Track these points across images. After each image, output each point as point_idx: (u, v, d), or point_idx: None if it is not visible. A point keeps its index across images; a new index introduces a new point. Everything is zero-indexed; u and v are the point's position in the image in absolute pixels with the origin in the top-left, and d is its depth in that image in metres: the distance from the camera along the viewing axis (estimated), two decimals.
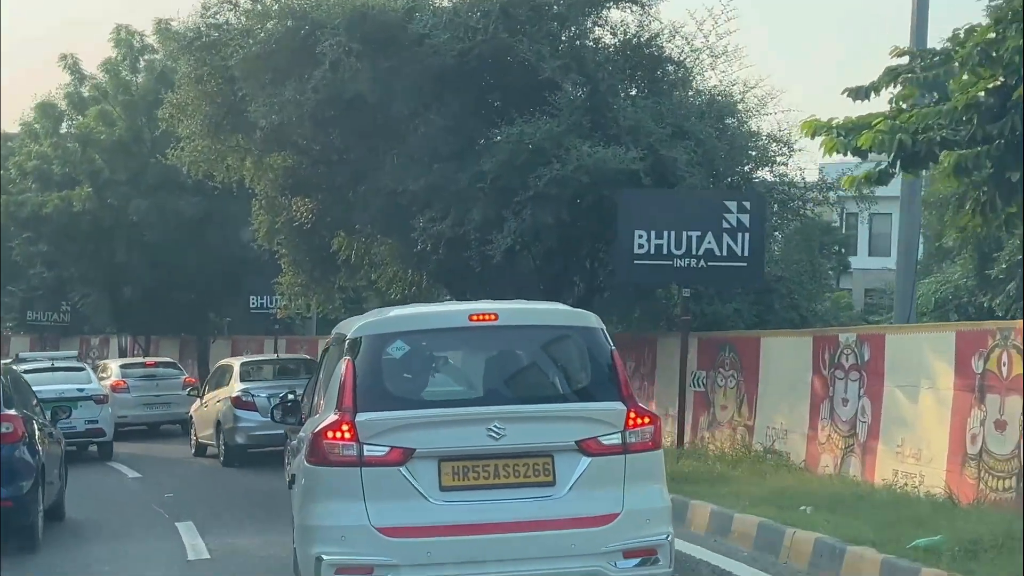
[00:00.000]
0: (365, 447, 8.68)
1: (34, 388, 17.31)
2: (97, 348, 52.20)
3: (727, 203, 19.95)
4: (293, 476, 9.78)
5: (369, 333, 9.20)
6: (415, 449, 8.70)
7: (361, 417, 8.75)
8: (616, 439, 8.93)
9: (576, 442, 8.87)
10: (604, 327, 9.40)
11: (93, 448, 25.64)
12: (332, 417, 8.86)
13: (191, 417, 26.89)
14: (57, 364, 26.63)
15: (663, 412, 21.43)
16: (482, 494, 8.70)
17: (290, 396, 12.56)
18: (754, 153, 22.71)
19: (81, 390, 25.18)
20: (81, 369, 27.36)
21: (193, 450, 26.60)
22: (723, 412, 20.92)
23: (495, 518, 8.69)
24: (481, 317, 9.18)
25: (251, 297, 35.76)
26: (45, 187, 40.13)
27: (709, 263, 19.62)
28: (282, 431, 12.76)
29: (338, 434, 8.74)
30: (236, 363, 25.77)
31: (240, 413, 23.60)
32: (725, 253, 19.60)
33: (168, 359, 35.98)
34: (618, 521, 8.85)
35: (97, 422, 25.04)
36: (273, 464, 20.73)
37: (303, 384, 16.30)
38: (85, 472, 21.95)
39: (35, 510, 13.84)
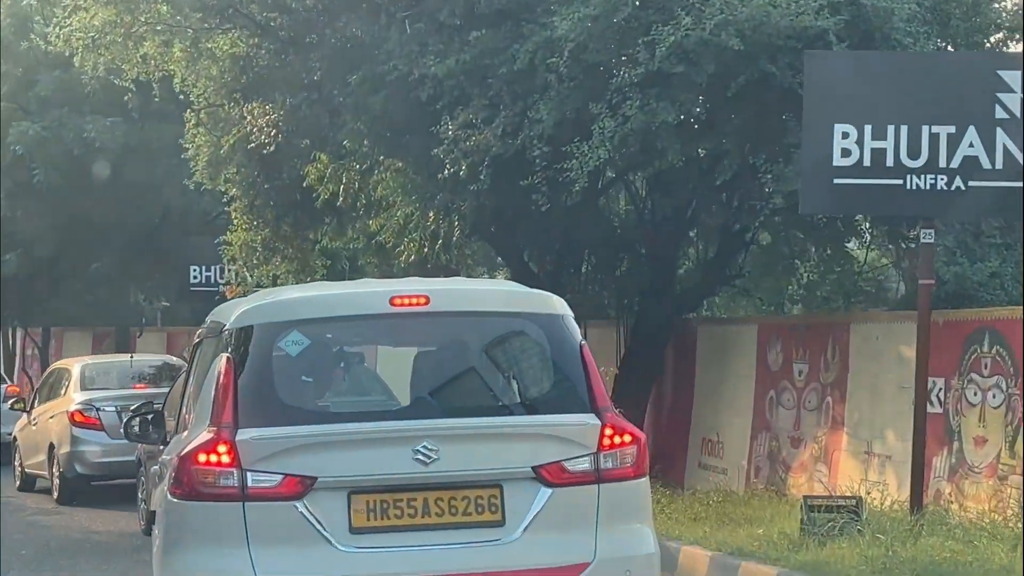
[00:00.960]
0: (249, 475, 6.94)
1: None
2: None
3: (1004, 75, 11.89)
4: (152, 515, 7.87)
5: (255, 322, 7.35)
6: (316, 478, 6.97)
7: (244, 435, 7.00)
8: (586, 464, 7.25)
9: (533, 468, 7.18)
10: (570, 313, 7.59)
11: None
12: (205, 435, 7.11)
13: (14, 439, 21.23)
14: None
15: (862, 450, 14.41)
16: (406, 538, 7.06)
17: (154, 405, 11.05)
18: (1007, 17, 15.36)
19: None
20: None
21: (18, 483, 20.92)
22: (979, 450, 13.01)
23: (424, 569, 7.02)
24: (407, 301, 7.34)
25: (192, 268, 26.90)
26: None
27: (969, 181, 11.99)
28: (135, 457, 13.20)
29: (212, 457, 6.98)
30: (75, 366, 20.42)
31: (80, 433, 18.66)
32: (998, 164, 11.91)
33: None
34: (589, 573, 7.17)
35: None
36: (124, 501, 17.50)
37: (163, 393, 14.91)
38: None
39: None
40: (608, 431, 7.30)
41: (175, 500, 7.19)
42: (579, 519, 7.22)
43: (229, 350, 7.29)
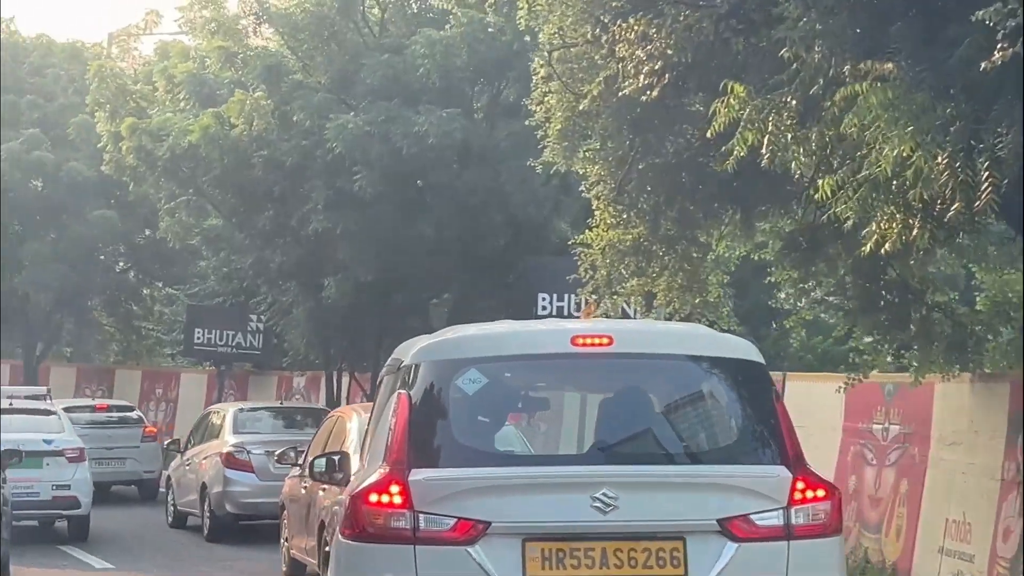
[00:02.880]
0: (421, 517, 6.86)
1: None
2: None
3: None
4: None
5: (433, 358, 7.32)
6: (490, 523, 6.81)
7: (417, 475, 6.92)
8: (776, 519, 6.90)
9: (719, 521, 6.85)
10: (762, 360, 7.31)
11: (61, 524, 19.95)
12: (378, 474, 7.08)
13: (169, 478, 22.51)
14: (17, 404, 20.70)
15: None
16: None
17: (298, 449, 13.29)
18: None
19: (48, 442, 19.32)
20: (50, 412, 20.74)
21: (170, 519, 22.14)
22: None
23: None
24: (589, 341, 7.18)
25: (540, 297, 22.13)
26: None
27: None
28: (279, 501, 15.43)
29: (384, 497, 6.93)
30: (229, 410, 21.83)
31: (232, 474, 19.78)
32: None
33: (125, 402, 28.77)
34: None
35: (69, 487, 19.17)
36: (272, 539, 17.68)
37: (309, 439, 16.24)
38: (29, 556, 16.84)
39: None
40: (800, 484, 6.92)
41: (345, 541, 7.08)
42: None
43: (405, 387, 7.18)
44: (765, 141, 10.52)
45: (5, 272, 35.35)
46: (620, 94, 12.54)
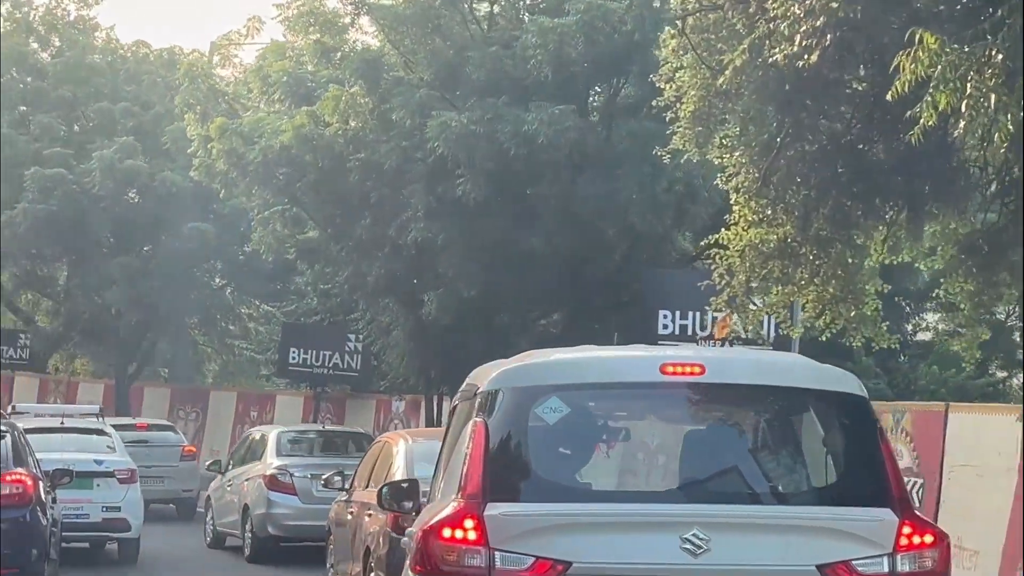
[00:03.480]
0: (497, 556, 6.47)
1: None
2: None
3: None
4: None
5: (511, 385, 6.91)
6: (571, 563, 6.42)
7: (493, 509, 6.54)
8: (881, 566, 6.42)
9: (818, 567, 6.41)
10: (866, 394, 6.82)
11: (112, 546, 19.51)
12: (451, 507, 6.68)
13: (209, 499, 22.57)
14: (69, 423, 20.17)
15: None
16: None
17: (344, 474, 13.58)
18: None
19: (99, 463, 18.83)
20: (102, 433, 20.30)
21: (208, 540, 22.05)
22: None
23: None
24: (679, 369, 6.76)
25: (662, 315, 20.00)
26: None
27: None
28: (325, 525, 15.15)
29: (459, 533, 6.52)
30: (272, 432, 21.61)
31: (275, 496, 19.57)
32: None
33: (164, 421, 29.11)
34: None
35: (120, 509, 18.65)
36: (312, 562, 17.82)
37: (353, 463, 16.16)
38: None
39: None
40: (907, 529, 6.48)
41: None
42: None
43: (482, 415, 6.80)
44: (963, 106, 8.31)
45: (93, 287, 34.04)
46: (768, 63, 10.43)
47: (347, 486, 15.45)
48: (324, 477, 16.92)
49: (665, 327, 18.48)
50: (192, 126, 25.28)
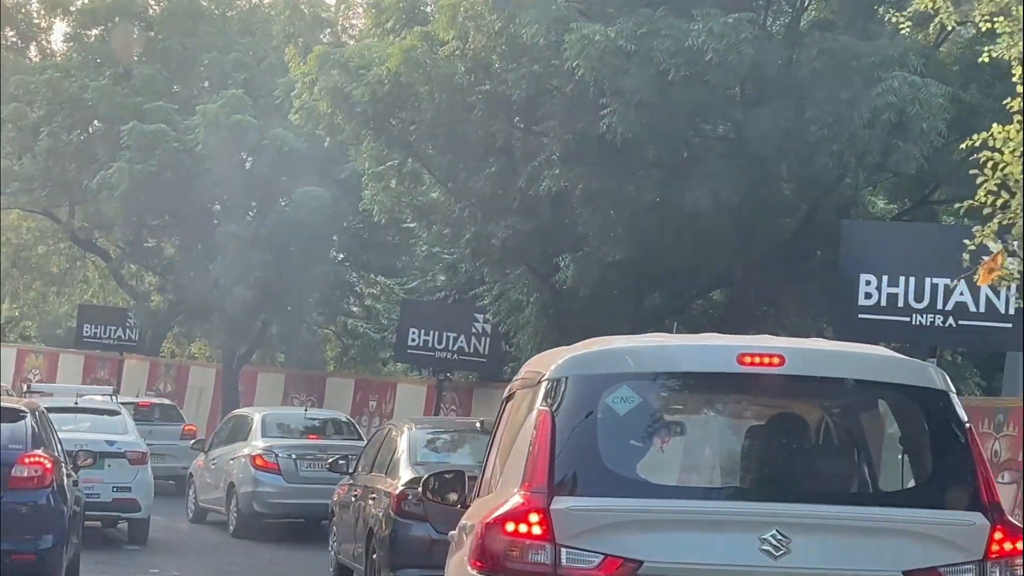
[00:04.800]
0: (564, 552, 6.14)
1: None
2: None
3: None
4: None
5: (579, 373, 6.54)
6: (643, 562, 6.12)
7: (560, 503, 6.20)
8: (971, 572, 6.11)
9: (904, 573, 6.13)
10: (953, 389, 6.49)
11: (122, 526, 19.97)
12: (515, 500, 6.35)
13: (191, 475, 23.38)
14: (83, 403, 20.56)
15: None
16: None
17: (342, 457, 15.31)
18: None
19: (111, 443, 18.91)
20: (115, 413, 20.47)
21: (191, 515, 22.85)
22: None
23: None
24: (758, 360, 6.45)
25: (863, 280, 15.28)
26: None
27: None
28: (309, 500, 18.50)
29: (523, 527, 6.21)
30: (257, 415, 22.41)
31: (261, 475, 20.52)
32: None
33: (167, 400, 29.91)
34: None
35: (130, 489, 18.92)
36: (292, 538, 20.34)
37: (338, 447, 19.86)
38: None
39: (59, 571, 13.20)
40: (998, 535, 6.19)
41: (476, 574, 6.37)
42: None
43: (547, 404, 6.52)
44: None
45: (199, 259, 30.62)
46: None
47: (351, 470, 16.31)
48: (330, 461, 17.80)
49: (868, 296, 14.19)
50: (293, 61, 21.62)
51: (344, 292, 32.71)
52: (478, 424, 15.21)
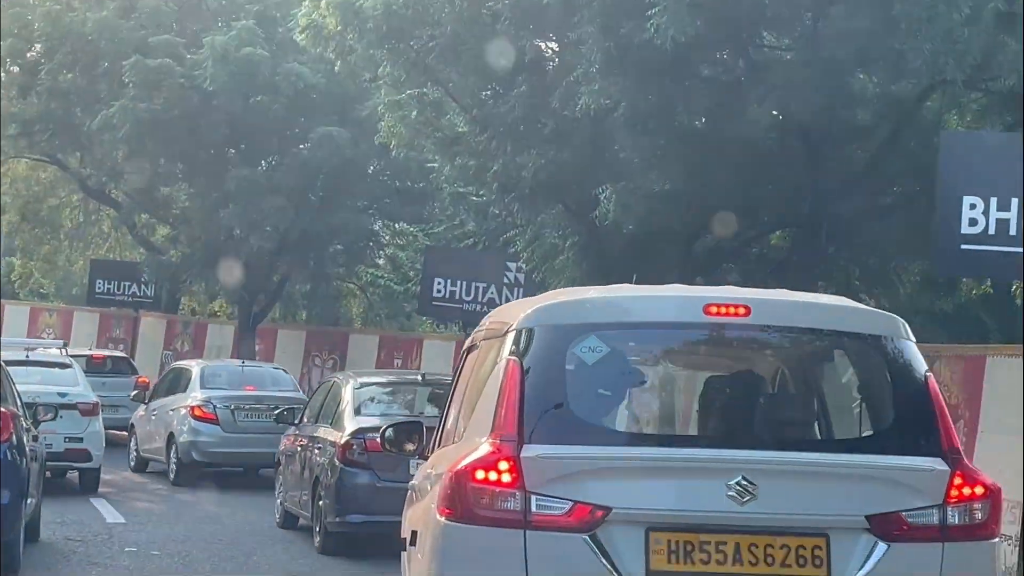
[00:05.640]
0: (534, 499, 6.25)
1: None
2: None
3: None
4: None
5: (548, 323, 6.59)
6: (611, 508, 6.21)
7: (530, 451, 6.28)
8: (931, 517, 6.31)
9: (867, 517, 6.25)
10: (914, 338, 6.63)
11: (73, 475, 20.37)
12: (484, 448, 6.39)
13: (133, 426, 23.87)
14: (33, 356, 20.63)
15: None
16: None
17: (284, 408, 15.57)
18: None
19: (63, 395, 19.37)
20: (66, 366, 20.95)
21: (132, 464, 23.47)
22: None
23: None
24: (724, 310, 6.53)
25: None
26: None
27: None
28: (247, 449, 20.29)
29: (492, 475, 6.29)
30: (195, 367, 23.16)
31: (199, 426, 21.21)
32: None
33: (121, 353, 30.54)
34: None
35: (82, 440, 19.51)
36: (230, 485, 20.94)
37: (274, 398, 21.12)
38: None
39: (18, 525, 13.07)
40: (958, 480, 6.35)
41: (445, 521, 6.46)
42: None
43: (515, 354, 6.56)
44: None
45: (210, 207, 28.29)
46: None
47: (296, 421, 16.98)
48: (276, 412, 18.89)
49: (973, 223, 11.60)
50: None
51: (368, 242, 30.33)
52: (420, 377, 16.09)
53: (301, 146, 27.38)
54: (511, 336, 6.58)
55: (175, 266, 31.75)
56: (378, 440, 8.36)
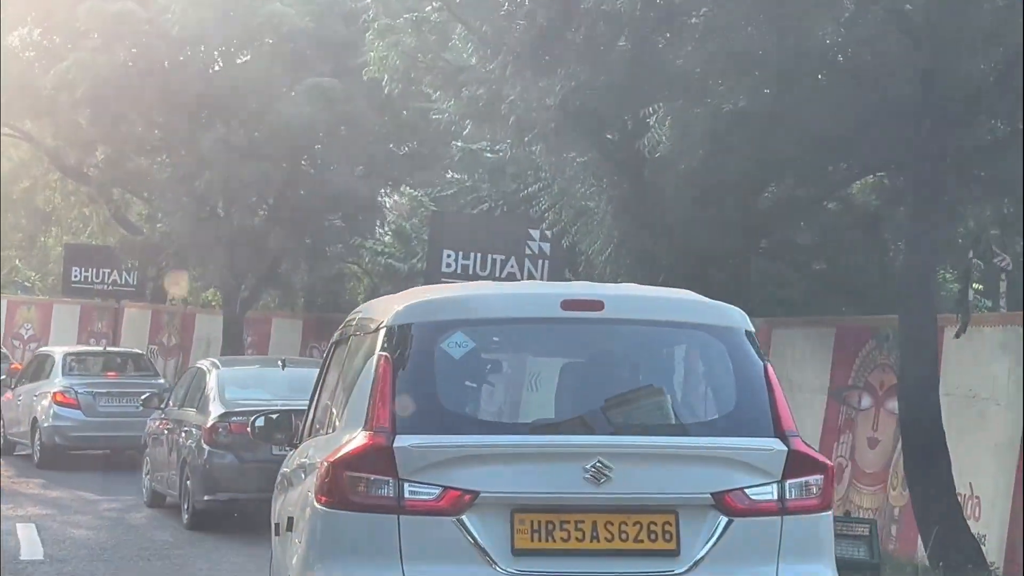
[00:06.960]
0: (407, 486, 6.66)
1: None
2: None
3: None
4: (290, 520, 7.91)
5: (416, 320, 7.06)
6: (479, 492, 6.65)
7: (403, 441, 6.67)
8: (770, 492, 6.82)
9: (712, 494, 6.77)
10: (753, 328, 7.19)
11: None
12: (359, 439, 6.79)
13: None
14: None
15: None
16: (572, 563, 6.68)
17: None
18: None
19: None
20: None
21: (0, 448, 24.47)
22: None
23: None
24: (580, 305, 7.05)
25: None
26: None
27: None
28: (109, 433, 21.49)
29: (367, 464, 6.68)
30: (58, 354, 24.04)
31: (61, 411, 22.39)
32: None
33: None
34: None
35: None
36: (92, 467, 21.82)
37: (135, 383, 22.43)
38: None
39: None
40: (795, 457, 6.90)
41: (322, 508, 6.87)
42: (759, 553, 6.84)
43: (387, 349, 6.97)
44: None
45: (183, 176, 24.50)
46: None
47: (163, 405, 18.20)
48: (143, 397, 19.59)
49: None
50: None
51: (370, 213, 26.54)
52: (280, 362, 17.09)
53: (286, 101, 23.61)
54: (383, 332, 6.93)
55: (153, 247, 28.09)
56: (248, 428, 8.90)
